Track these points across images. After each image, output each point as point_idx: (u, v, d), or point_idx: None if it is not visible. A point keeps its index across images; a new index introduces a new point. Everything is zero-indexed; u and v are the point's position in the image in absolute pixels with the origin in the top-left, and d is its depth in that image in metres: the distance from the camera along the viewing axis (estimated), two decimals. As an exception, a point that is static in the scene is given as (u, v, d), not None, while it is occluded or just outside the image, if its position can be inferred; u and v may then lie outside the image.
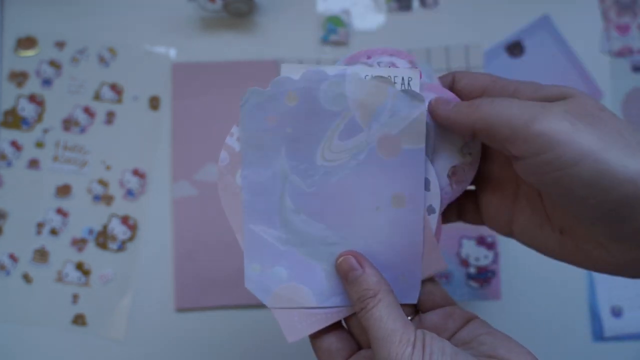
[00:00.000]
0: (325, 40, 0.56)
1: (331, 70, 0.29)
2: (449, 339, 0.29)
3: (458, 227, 0.52)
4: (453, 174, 0.31)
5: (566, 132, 0.23)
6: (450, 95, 0.30)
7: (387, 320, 0.26)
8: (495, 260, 0.52)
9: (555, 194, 0.25)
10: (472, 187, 0.34)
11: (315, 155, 0.30)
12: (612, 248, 0.25)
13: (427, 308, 0.31)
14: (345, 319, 0.31)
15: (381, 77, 0.29)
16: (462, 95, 0.30)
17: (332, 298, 0.30)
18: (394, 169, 0.29)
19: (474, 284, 0.52)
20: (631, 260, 0.25)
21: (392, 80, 0.29)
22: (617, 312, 0.53)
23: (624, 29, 0.57)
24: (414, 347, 0.25)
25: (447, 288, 0.52)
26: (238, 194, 0.31)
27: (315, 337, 0.30)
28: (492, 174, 0.32)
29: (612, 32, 0.57)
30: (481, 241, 0.53)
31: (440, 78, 0.31)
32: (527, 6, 0.57)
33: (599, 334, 0.53)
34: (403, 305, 0.30)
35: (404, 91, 0.29)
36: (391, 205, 0.30)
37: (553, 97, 0.26)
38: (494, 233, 0.52)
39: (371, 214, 0.30)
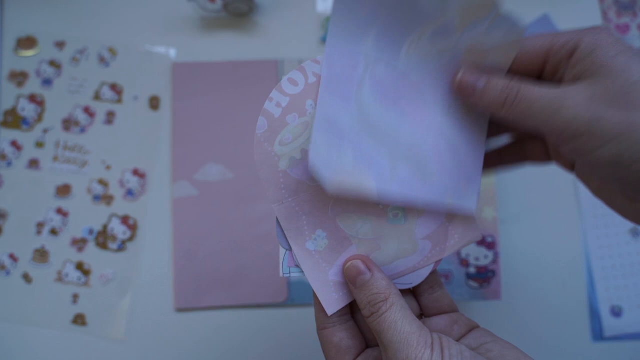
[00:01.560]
0: (325, 40, 0.56)
1: None
2: None
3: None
4: None
5: (587, 123, 0.24)
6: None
7: (402, 323, 0.26)
8: (495, 260, 0.52)
9: (586, 169, 0.27)
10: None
11: (401, 48, 0.29)
12: (638, 205, 0.26)
13: (433, 313, 0.31)
14: (353, 314, 0.31)
15: None
16: (524, 66, 0.28)
17: (393, 192, 0.29)
18: None
19: (474, 283, 0.52)
20: None
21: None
22: (617, 312, 0.53)
23: (624, 29, 0.57)
24: (432, 349, 0.25)
25: (447, 288, 0.52)
26: (276, 163, 0.29)
27: (325, 328, 0.30)
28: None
29: (612, 32, 0.57)
30: (481, 241, 0.53)
31: None
32: (527, 6, 0.57)
33: (599, 334, 0.53)
34: (408, 302, 0.30)
35: (507, 15, 0.27)
36: (461, 110, 0.30)
37: (593, 70, 0.25)
38: (494, 233, 0.52)
39: (443, 114, 0.30)
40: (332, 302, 0.30)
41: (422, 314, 0.32)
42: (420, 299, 0.32)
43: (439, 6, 0.28)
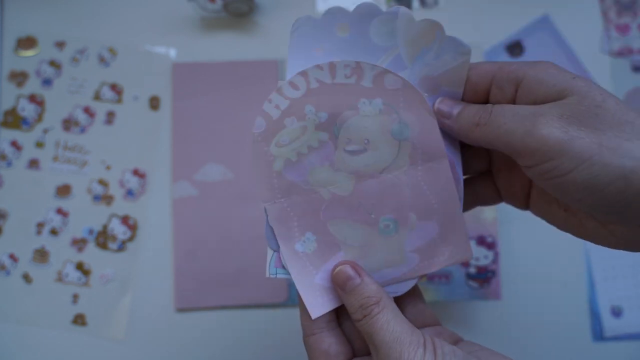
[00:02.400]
0: (325, 40, 0.56)
1: (384, 7, 0.29)
2: None
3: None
4: None
5: (560, 142, 0.24)
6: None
7: (394, 323, 0.26)
8: (495, 260, 0.52)
9: (556, 194, 0.26)
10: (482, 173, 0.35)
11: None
12: (611, 228, 0.26)
13: (417, 326, 0.31)
14: (340, 322, 0.31)
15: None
16: (470, 85, 0.29)
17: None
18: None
19: (474, 283, 0.52)
20: (631, 238, 0.26)
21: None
22: (617, 312, 0.53)
23: (624, 29, 0.57)
24: (425, 348, 0.25)
25: (447, 288, 0.52)
26: (271, 163, 0.30)
27: (312, 334, 0.30)
28: (508, 158, 0.33)
29: (612, 32, 0.57)
30: (481, 241, 0.53)
31: None
32: (527, 6, 0.57)
33: (599, 334, 0.53)
34: None
35: (452, 38, 0.29)
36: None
37: (553, 95, 0.26)
38: (494, 233, 0.52)
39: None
40: (317, 305, 0.30)
41: None
42: (404, 311, 0.32)
43: (388, 42, 0.29)
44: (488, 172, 0.34)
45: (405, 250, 0.30)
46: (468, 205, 0.35)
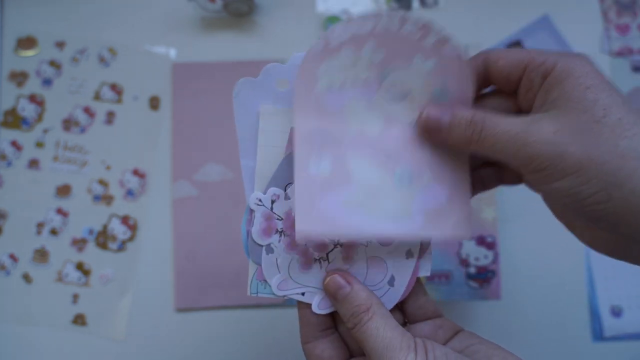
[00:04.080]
0: (325, 40, 0.56)
1: (384, 8, 0.29)
2: None
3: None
4: None
5: (550, 157, 0.25)
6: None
7: (384, 330, 0.26)
8: (495, 260, 0.52)
9: (545, 198, 0.28)
10: None
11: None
12: (594, 232, 0.28)
13: (418, 320, 0.32)
14: (337, 327, 0.31)
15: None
16: (502, 77, 0.29)
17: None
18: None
19: (474, 283, 0.52)
20: (612, 245, 0.27)
21: None
22: (617, 312, 0.53)
23: (624, 29, 0.57)
24: (416, 353, 0.25)
25: (447, 288, 0.52)
26: (316, 83, 0.30)
27: (307, 342, 0.30)
28: None
29: (612, 32, 0.57)
30: (481, 241, 0.53)
31: (472, 59, 0.31)
32: (527, 6, 0.57)
33: (598, 334, 0.53)
34: (393, 312, 0.30)
35: (427, 25, 0.29)
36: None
37: (557, 103, 0.26)
38: (494, 233, 0.52)
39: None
40: (308, 225, 0.29)
41: (406, 322, 0.32)
42: (405, 306, 0.32)
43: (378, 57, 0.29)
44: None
45: (413, 208, 0.30)
46: (491, 183, 0.35)
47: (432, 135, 0.29)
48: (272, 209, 0.30)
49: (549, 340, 0.52)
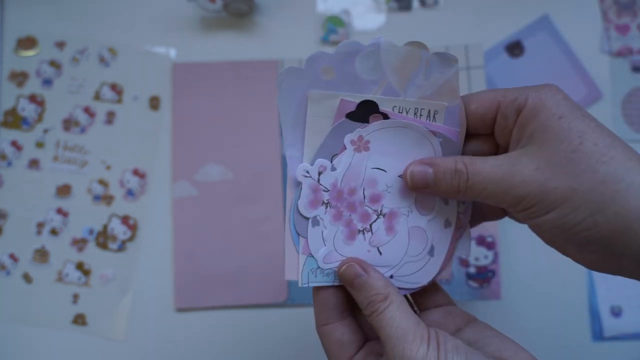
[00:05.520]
0: (325, 40, 0.57)
1: (364, 41, 0.29)
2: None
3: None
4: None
5: (536, 195, 0.26)
6: (453, 133, 0.31)
7: (399, 319, 0.27)
8: (495, 260, 0.52)
9: (537, 233, 0.29)
10: None
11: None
12: (585, 254, 0.28)
13: (428, 307, 0.32)
14: (354, 311, 0.32)
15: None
16: (477, 120, 0.30)
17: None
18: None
19: (474, 283, 0.52)
20: (605, 264, 0.27)
21: (419, 112, 0.30)
22: (616, 312, 0.53)
23: (623, 29, 0.57)
24: (428, 344, 0.26)
25: (447, 288, 0.52)
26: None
27: (325, 324, 0.30)
28: None
29: (611, 32, 0.57)
30: (481, 241, 0.53)
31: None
32: (527, 6, 0.57)
33: (598, 334, 0.53)
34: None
35: (437, 54, 0.29)
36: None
37: (534, 137, 0.27)
38: (493, 233, 0.52)
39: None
40: (293, 270, 0.31)
41: (416, 310, 0.33)
42: (414, 295, 0.33)
43: (375, 75, 0.30)
44: None
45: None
46: (475, 221, 0.36)
47: (421, 191, 0.30)
48: (319, 180, 0.30)
49: (548, 340, 0.52)
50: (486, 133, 0.30)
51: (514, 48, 0.57)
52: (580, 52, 0.56)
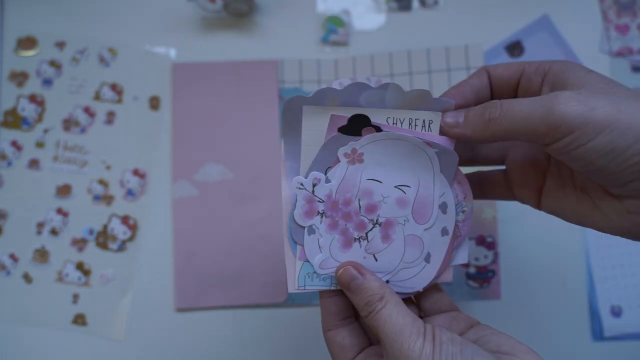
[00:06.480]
0: (325, 41, 0.57)
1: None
2: None
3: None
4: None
5: (581, 114, 0.25)
6: (445, 142, 0.31)
7: (396, 317, 0.27)
8: (495, 260, 0.52)
9: (579, 166, 0.27)
10: (503, 167, 0.36)
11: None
12: (627, 203, 0.27)
13: (433, 313, 0.33)
14: (357, 317, 0.33)
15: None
16: (502, 82, 0.31)
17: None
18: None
19: (473, 283, 0.52)
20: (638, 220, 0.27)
21: (414, 122, 0.31)
22: (616, 312, 0.53)
23: (623, 29, 0.57)
24: (424, 338, 0.26)
25: (447, 288, 0.52)
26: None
27: (329, 330, 0.31)
28: (524, 153, 0.34)
29: (611, 32, 0.57)
30: (481, 241, 0.53)
31: (473, 76, 0.32)
32: (527, 6, 0.57)
33: (598, 334, 0.53)
34: (408, 306, 0.31)
35: (438, 99, 0.31)
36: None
37: (571, 85, 0.27)
38: (493, 233, 0.52)
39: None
40: (293, 280, 0.32)
41: (422, 315, 0.33)
42: (420, 300, 0.33)
43: (378, 105, 0.30)
44: (501, 171, 0.36)
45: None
46: (481, 197, 0.36)
47: (451, 131, 0.30)
48: (313, 192, 0.31)
49: (548, 340, 0.52)
50: (508, 95, 0.31)
51: (514, 48, 0.57)
52: (580, 52, 0.56)
